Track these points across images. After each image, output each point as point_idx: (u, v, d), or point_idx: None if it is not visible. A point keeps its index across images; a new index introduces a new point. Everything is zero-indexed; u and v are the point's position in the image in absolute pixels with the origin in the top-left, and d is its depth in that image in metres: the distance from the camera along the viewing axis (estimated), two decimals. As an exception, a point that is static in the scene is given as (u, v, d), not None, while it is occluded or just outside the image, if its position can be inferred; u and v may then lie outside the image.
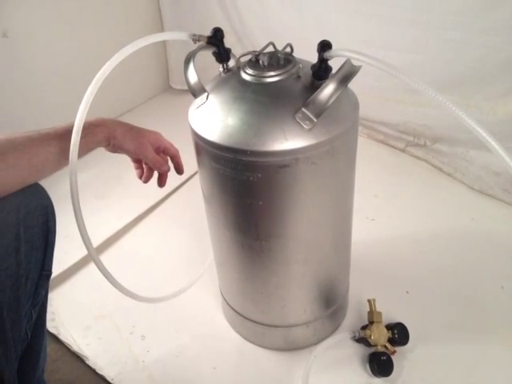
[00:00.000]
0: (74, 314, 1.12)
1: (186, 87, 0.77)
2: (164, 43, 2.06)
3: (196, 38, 0.74)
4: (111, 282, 0.81)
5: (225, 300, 1.01)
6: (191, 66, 0.75)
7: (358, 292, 1.06)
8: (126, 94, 1.96)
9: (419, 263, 1.17)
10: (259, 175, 0.70)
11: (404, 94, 1.43)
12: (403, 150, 1.55)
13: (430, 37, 1.26)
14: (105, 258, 1.26)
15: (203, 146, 0.73)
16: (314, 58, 0.71)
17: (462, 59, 1.23)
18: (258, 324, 0.95)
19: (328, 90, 0.66)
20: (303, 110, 0.67)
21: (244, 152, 0.67)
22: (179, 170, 0.87)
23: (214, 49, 0.77)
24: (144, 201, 1.45)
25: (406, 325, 0.96)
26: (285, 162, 0.68)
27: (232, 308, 0.98)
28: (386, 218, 1.32)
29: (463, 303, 1.05)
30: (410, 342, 0.95)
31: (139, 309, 1.01)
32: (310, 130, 0.67)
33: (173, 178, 0.89)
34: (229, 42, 0.77)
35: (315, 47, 0.69)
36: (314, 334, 0.97)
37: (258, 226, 0.77)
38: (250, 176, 0.70)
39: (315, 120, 0.67)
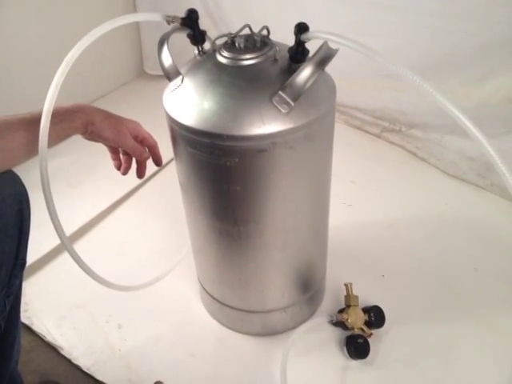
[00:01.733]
0: (47, 303, 1.10)
1: (160, 72, 0.75)
2: (137, 27, 2.01)
3: (170, 20, 0.72)
4: (85, 270, 0.79)
5: (202, 287, 1.00)
6: (165, 49, 0.73)
7: (335, 276, 1.07)
8: (98, 79, 1.91)
9: (395, 247, 1.18)
10: (236, 160, 0.69)
11: (380, 79, 1.44)
12: (379, 136, 1.56)
13: (406, 22, 1.26)
14: (79, 246, 1.23)
15: (179, 131, 0.71)
16: (290, 41, 0.70)
17: (437, 44, 1.24)
18: (236, 310, 0.94)
19: (305, 73, 0.65)
20: (280, 93, 0.66)
21: (221, 136, 0.66)
22: (157, 161, 0.85)
23: (188, 31, 0.75)
24: (119, 188, 1.42)
25: (382, 308, 0.97)
26: (262, 147, 0.67)
27: (210, 295, 0.97)
28: (363, 203, 1.33)
29: (438, 286, 1.07)
30: (386, 324, 0.96)
31: (115, 298, 0.99)
32: (288, 113, 0.66)
33: (149, 165, 0.87)
34: (204, 25, 0.75)
35: (292, 31, 0.68)
36: (291, 319, 0.97)
37: (236, 212, 0.76)
38: (227, 161, 0.69)
39: (292, 104, 0.66)
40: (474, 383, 0.89)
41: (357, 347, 0.91)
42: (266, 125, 0.66)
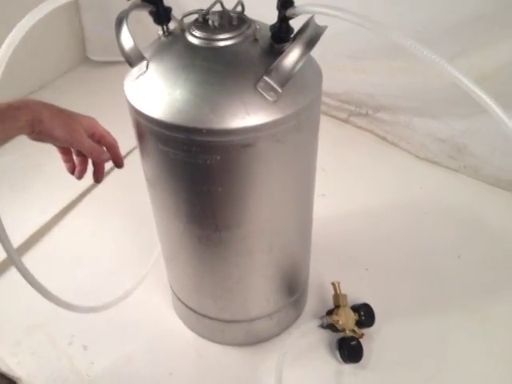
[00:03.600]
0: (-2, 327, 0.97)
1: (106, 58, 0.64)
2: (77, 7, 1.83)
3: (129, -6, 0.61)
4: (41, 293, 0.69)
5: (177, 297, 0.90)
6: (124, 29, 0.62)
7: (316, 273, 1.00)
8: (36, 67, 1.69)
9: (374, 238, 1.13)
10: (218, 157, 0.59)
11: (346, 60, 1.37)
12: (346, 121, 1.50)
13: (375, 1, 1.20)
14: (28, 259, 1.09)
15: (147, 126, 0.61)
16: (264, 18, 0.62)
17: (408, 24, 1.18)
18: (217, 321, 0.86)
19: (293, 54, 0.56)
20: (265, 78, 0.57)
21: (199, 131, 0.57)
22: (118, 162, 0.74)
23: (150, 7, 0.64)
24: (70, 190, 1.28)
25: (370, 304, 0.91)
26: (247, 141, 0.58)
27: (186, 306, 0.88)
28: (336, 192, 1.27)
29: (423, 275, 1.03)
30: (376, 321, 0.91)
31: (77, 315, 0.88)
32: (275, 102, 0.57)
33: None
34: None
35: (265, 5, 0.60)
36: (277, 325, 0.90)
37: (217, 216, 0.67)
38: (207, 159, 0.59)
39: (280, 90, 0.57)
40: (471, 375, 0.85)
41: (350, 350, 0.85)
42: (250, 115, 0.57)
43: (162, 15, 0.64)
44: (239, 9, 0.65)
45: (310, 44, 0.57)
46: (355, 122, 1.49)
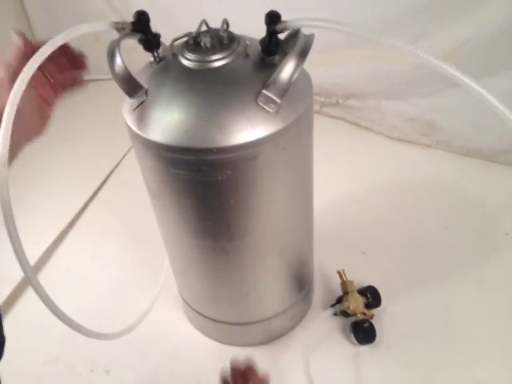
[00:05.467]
0: (16, 365, 0.95)
1: None
2: (30, 30, 1.81)
3: (119, 27, 0.61)
4: (69, 325, 0.69)
5: (192, 308, 0.92)
6: (118, 59, 0.63)
7: (318, 263, 1.04)
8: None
9: (364, 222, 1.18)
10: (228, 172, 0.62)
11: (313, 55, 1.40)
12: (319, 112, 1.55)
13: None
14: (32, 293, 1.09)
15: (155, 152, 0.63)
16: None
17: (368, 11, 1.23)
18: (235, 325, 0.89)
19: (289, 66, 0.59)
20: (264, 92, 0.60)
21: (209, 151, 0.59)
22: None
23: (139, 35, 0.65)
24: (59, 217, 1.28)
25: (372, 285, 0.97)
26: (255, 153, 0.61)
27: (203, 315, 0.90)
28: (320, 181, 1.29)
29: (416, 250, 1.09)
30: (382, 301, 0.96)
31: (93, 340, 0.89)
32: (276, 112, 0.60)
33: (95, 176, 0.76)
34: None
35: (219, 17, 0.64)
36: (291, 320, 0.94)
37: (231, 227, 0.70)
38: (219, 175, 0.62)
39: (279, 101, 0.60)
40: (478, 337, 0.92)
41: (365, 332, 0.90)
42: (255, 129, 0.60)
43: (151, 42, 0.66)
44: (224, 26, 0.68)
45: (303, 54, 0.60)
46: (327, 112, 1.54)
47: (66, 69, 0.63)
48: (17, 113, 0.54)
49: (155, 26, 0.65)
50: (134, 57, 0.75)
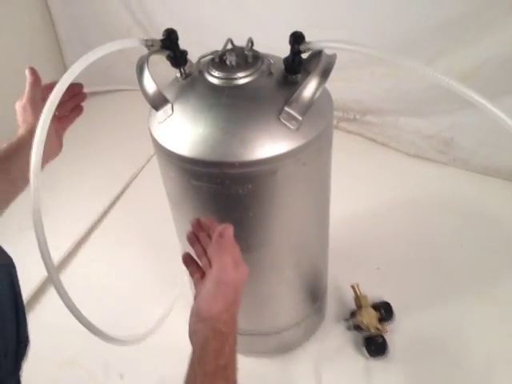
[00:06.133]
0: (32, 367, 0.98)
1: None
2: (57, 41, 1.87)
3: (149, 44, 0.65)
4: (88, 328, 0.71)
5: (207, 317, 0.94)
6: (146, 74, 0.66)
7: (332, 277, 1.05)
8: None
9: (380, 237, 1.19)
10: (249, 186, 0.64)
11: (332, 72, 1.43)
12: (336, 127, 1.56)
13: (356, 10, 1.26)
14: (49, 298, 1.12)
15: (179, 164, 0.65)
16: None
17: (389, 30, 1.25)
18: (248, 335, 0.90)
19: (312, 85, 0.62)
20: (287, 109, 0.62)
21: (232, 165, 0.61)
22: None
23: (167, 52, 0.68)
24: (79, 223, 1.31)
25: (386, 300, 0.97)
26: (276, 168, 0.63)
27: (218, 324, 0.92)
28: (338, 197, 1.31)
29: (430, 267, 1.10)
30: (395, 316, 0.96)
31: (108, 345, 0.91)
32: (297, 129, 0.62)
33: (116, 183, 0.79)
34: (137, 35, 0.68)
35: (239, 31, 0.66)
36: (304, 331, 0.95)
37: (249, 239, 0.72)
38: (239, 189, 0.64)
39: (301, 118, 0.62)
40: (492, 355, 0.91)
41: (377, 347, 0.90)
42: (277, 144, 0.62)
43: (179, 59, 0.68)
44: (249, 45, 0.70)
45: (325, 74, 0.62)
46: (345, 127, 1.55)
47: (66, 100, 0.72)
48: None
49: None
50: (157, 69, 0.78)
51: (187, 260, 0.64)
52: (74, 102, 0.75)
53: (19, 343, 0.59)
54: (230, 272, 0.57)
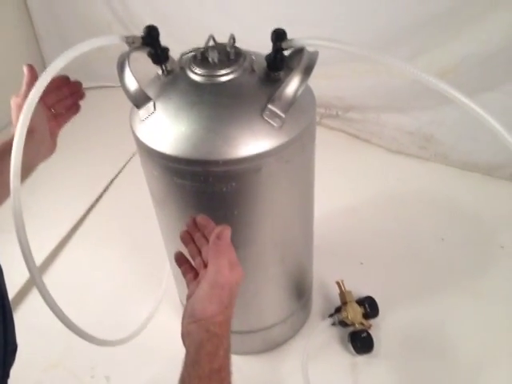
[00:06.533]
0: (16, 371, 0.96)
1: None
2: (35, 36, 1.84)
3: (130, 41, 0.64)
4: (72, 330, 0.70)
5: (192, 316, 0.94)
6: (128, 72, 0.65)
7: (317, 273, 1.06)
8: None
9: (363, 232, 1.20)
10: (233, 184, 0.64)
11: (314, 68, 1.43)
12: (319, 123, 1.57)
13: (336, 8, 1.27)
14: (32, 299, 1.10)
15: (161, 163, 0.64)
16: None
17: (369, 27, 1.26)
18: (235, 333, 0.90)
19: (294, 82, 0.62)
20: (270, 107, 0.62)
21: (216, 163, 0.61)
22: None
23: (148, 49, 0.67)
24: (61, 225, 1.29)
25: (371, 295, 0.98)
26: (259, 166, 0.63)
27: (204, 323, 0.92)
28: (320, 193, 1.32)
29: (413, 261, 1.11)
30: (380, 312, 0.97)
31: (94, 346, 0.90)
32: (281, 127, 0.62)
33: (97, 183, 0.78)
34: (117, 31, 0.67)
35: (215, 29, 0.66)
36: (291, 328, 0.95)
37: (234, 237, 0.70)
38: (223, 187, 0.64)
39: (283, 116, 0.62)
40: (474, 349, 0.93)
41: (362, 342, 0.91)
42: (260, 142, 0.61)
43: (160, 56, 0.68)
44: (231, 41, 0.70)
45: (308, 71, 0.62)
46: (327, 124, 1.56)
47: (65, 98, 0.73)
48: (30, 136, 0.57)
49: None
50: (137, 67, 0.77)
51: (180, 259, 0.64)
52: (72, 99, 0.74)
53: (6, 346, 0.58)
54: (226, 274, 0.56)
